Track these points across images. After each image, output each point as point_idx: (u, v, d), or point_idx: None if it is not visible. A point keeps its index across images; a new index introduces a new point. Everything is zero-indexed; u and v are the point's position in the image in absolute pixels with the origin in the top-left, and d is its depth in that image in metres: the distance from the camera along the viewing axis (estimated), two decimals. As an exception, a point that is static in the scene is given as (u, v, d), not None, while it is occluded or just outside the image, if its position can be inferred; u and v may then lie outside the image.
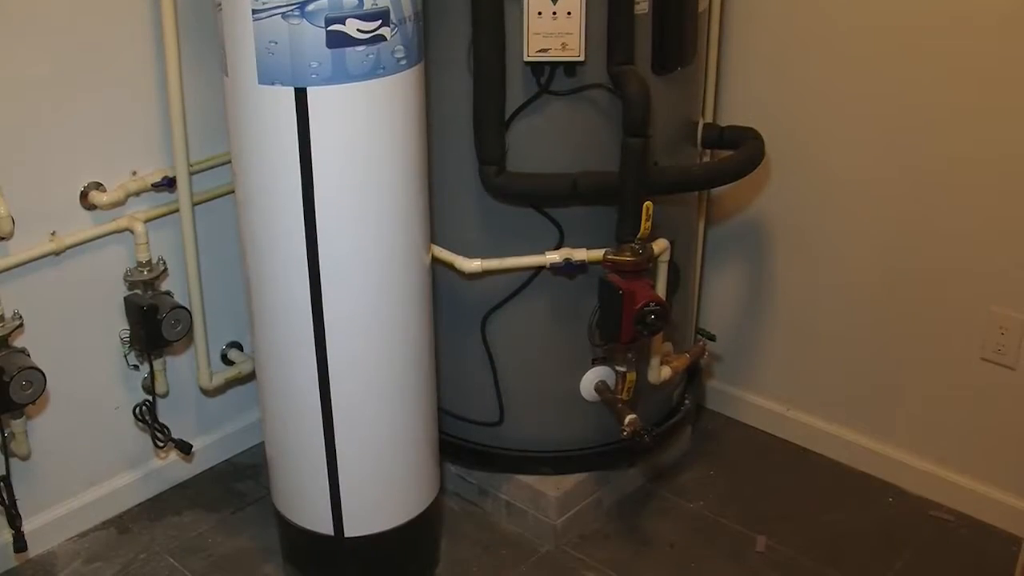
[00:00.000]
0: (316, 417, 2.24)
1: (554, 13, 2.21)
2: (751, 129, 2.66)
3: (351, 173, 2.04)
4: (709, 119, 2.83)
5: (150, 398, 2.68)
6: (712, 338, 3.02)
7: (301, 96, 1.96)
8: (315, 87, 1.95)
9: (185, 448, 2.75)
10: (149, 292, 2.55)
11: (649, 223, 2.29)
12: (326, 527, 2.36)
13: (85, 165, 2.46)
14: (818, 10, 2.68)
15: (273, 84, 1.96)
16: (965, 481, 2.77)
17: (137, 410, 2.69)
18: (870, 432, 2.92)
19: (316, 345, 2.16)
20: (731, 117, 2.86)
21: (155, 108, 2.53)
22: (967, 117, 2.52)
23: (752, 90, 2.86)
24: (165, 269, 2.59)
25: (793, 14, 2.73)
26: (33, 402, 2.35)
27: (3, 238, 2.35)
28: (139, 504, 2.81)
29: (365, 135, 2.02)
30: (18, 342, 2.40)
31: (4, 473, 2.44)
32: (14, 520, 2.44)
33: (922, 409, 2.80)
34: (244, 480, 2.92)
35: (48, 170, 2.40)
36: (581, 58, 2.26)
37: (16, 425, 2.44)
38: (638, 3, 2.31)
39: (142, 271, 2.54)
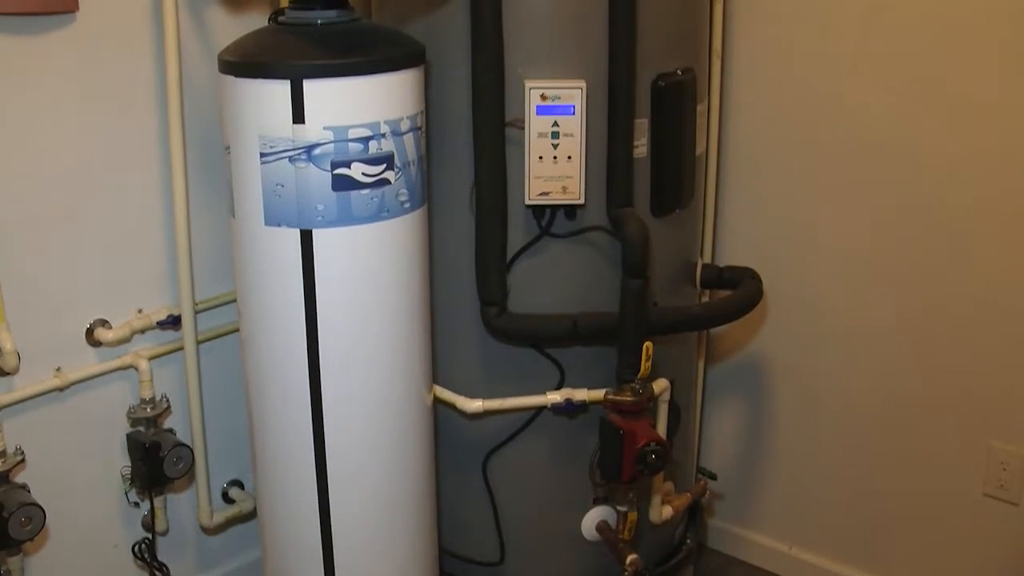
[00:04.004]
0: (317, 557, 2.22)
1: (555, 157, 2.26)
2: (749, 269, 2.69)
3: (355, 314, 2.06)
4: (708, 259, 2.87)
5: (149, 536, 2.66)
6: (713, 477, 3.01)
7: (307, 238, 1.98)
8: (320, 229, 1.97)
9: (183, 587, 2.73)
10: (152, 429, 2.55)
11: (649, 363, 2.31)
12: (325, 668, 2.33)
13: (91, 302, 2.48)
14: (816, 154, 2.74)
15: (279, 226, 1.99)
16: (970, 621, 2.74)
17: (136, 548, 2.67)
18: (873, 570, 2.90)
19: (318, 484, 2.15)
20: (729, 257, 2.90)
21: (162, 247, 2.56)
22: (966, 262, 2.56)
23: (750, 231, 2.90)
24: (168, 407, 2.60)
25: (790, 157, 2.78)
26: (32, 539, 2.33)
27: (8, 373, 2.36)
28: (135, 644, 2.78)
29: (369, 277, 2.05)
30: (19, 478, 2.39)
31: (-1, 613, 2.42)
32: (8, 663, 2.41)
33: (925, 546, 2.79)
34: (242, 619, 2.89)
35: (55, 306, 2.43)
36: (581, 201, 2.30)
37: (13, 562, 2.41)
38: (636, 147, 2.36)
39: (145, 408, 2.54)
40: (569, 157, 2.26)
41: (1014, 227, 2.49)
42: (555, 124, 2.24)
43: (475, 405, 2.43)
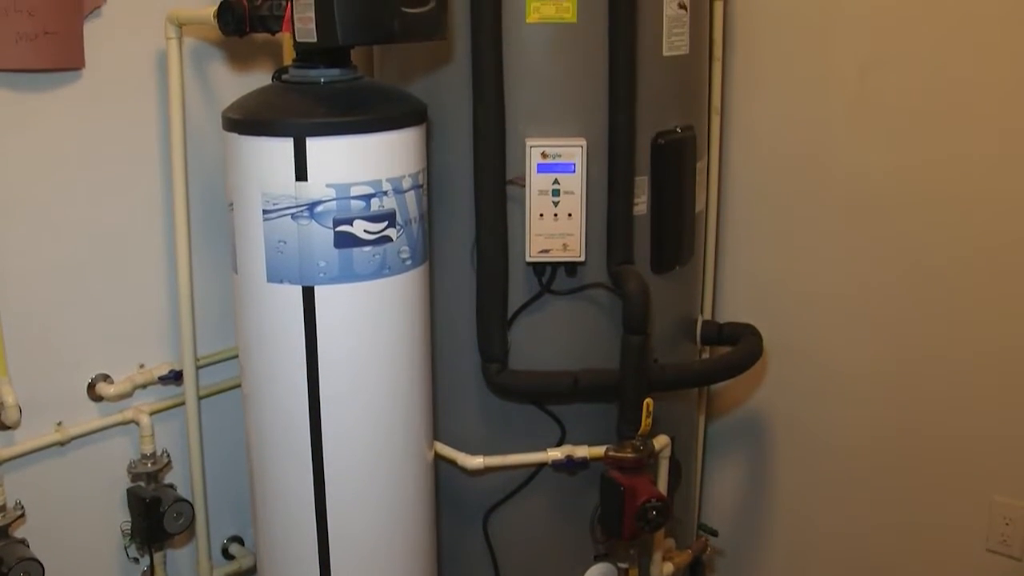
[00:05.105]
0: (316, 611, 2.22)
1: (555, 215, 2.27)
2: (749, 325, 2.69)
3: (356, 370, 2.06)
4: (708, 316, 2.87)
5: (148, 591, 2.66)
6: (714, 533, 3.00)
7: (309, 295, 1.99)
8: (322, 286, 1.98)
9: (182, 643, 2.71)
10: (152, 485, 2.54)
11: (650, 420, 2.31)
12: None
13: (93, 356, 2.49)
14: (814, 208, 2.75)
15: (281, 282, 1.99)
16: None
17: (135, 604, 2.67)
18: (875, 630, 2.88)
19: (319, 539, 2.15)
20: (729, 314, 2.90)
21: (164, 302, 2.57)
22: (967, 314, 2.57)
23: (749, 287, 2.91)
24: (169, 462, 2.59)
25: (789, 212, 2.80)
26: (30, 595, 2.33)
27: (9, 427, 2.36)
28: None
29: (370, 333, 2.05)
30: (18, 532, 2.38)
31: (-6, 671, 2.40)
32: None
33: (928, 605, 2.78)
34: (240, 676, 2.87)
35: (57, 360, 2.43)
36: (582, 258, 2.31)
37: (12, 618, 2.41)
38: (636, 204, 2.37)
39: (146, 463, 2.53)
40: (570, 214, 2.27)
41: (1014, 277, 2.49)
42: (556, 182, 2.26)
43: (476, 462, 2.42)
